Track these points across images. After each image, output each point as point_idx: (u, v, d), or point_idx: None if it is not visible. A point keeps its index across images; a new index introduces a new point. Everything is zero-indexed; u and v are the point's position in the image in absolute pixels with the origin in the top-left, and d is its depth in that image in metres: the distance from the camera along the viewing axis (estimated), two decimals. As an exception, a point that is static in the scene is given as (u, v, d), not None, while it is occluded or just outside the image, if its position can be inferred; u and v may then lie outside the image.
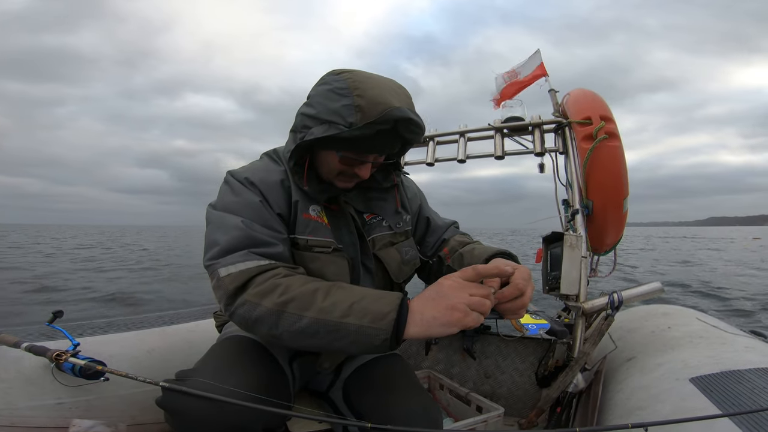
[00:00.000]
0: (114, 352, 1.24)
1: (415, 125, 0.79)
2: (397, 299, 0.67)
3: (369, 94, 0.75)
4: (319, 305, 0.67)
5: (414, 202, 1.08)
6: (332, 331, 0.66)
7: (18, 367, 1.06)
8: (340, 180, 0.87)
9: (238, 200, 0.82)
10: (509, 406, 1.47)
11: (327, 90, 0.79)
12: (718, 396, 0.88)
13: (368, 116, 0.74)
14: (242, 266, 0.73)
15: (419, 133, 0.83)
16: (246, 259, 0.73)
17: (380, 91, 0.77)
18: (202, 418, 0.65)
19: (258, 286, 0.70)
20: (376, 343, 0.65)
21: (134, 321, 4.46)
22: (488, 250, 0.93)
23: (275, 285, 0.70)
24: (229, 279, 0.72)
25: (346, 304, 0.67)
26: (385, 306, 0.66)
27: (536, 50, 1.78)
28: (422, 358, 1.64)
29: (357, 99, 0.75)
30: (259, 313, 0.69)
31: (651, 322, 1.49)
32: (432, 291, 0.67)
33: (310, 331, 0.67)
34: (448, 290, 0.66)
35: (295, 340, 0.69)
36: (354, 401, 0.90)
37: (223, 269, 0.73)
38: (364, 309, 0.66)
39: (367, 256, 0.93)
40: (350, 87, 0.76)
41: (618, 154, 1.42)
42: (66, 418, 1.02)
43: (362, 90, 0.76)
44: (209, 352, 0.86)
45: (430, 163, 1.76)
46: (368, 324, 0.65)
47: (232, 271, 0.72)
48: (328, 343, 0.67)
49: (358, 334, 0.65)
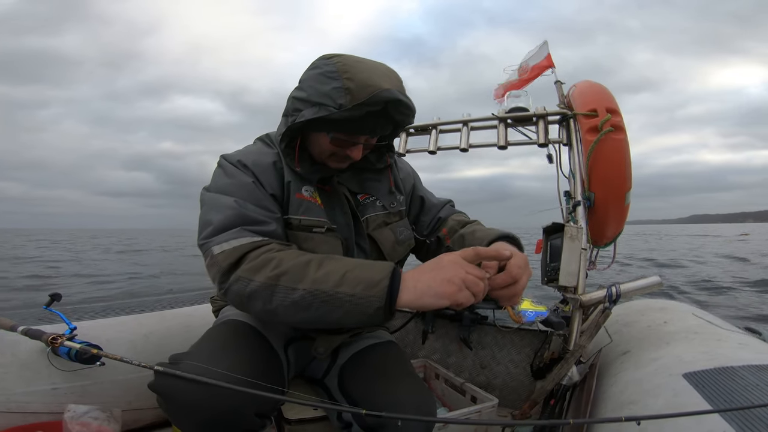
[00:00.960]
0: (111, 337, 1.25)
1: (404, 106, 0.80)
2: (389, 267, 0.68)
3: (359, 77, 0.76)
4: (312, 276, 0.67)
5: (407, 182, 1.09)
6: (326, 301, 0.66)
7: (14, 352, 1.06)
8: (333, 161, 0.88)
9: (231, 182, 0.83)
10: (504, 397, 1.48)
11: (317, 74, 0.80)
12: (711, 392, 0.88)
13: (357, 98, 0.75)
14: (235, 243, 0.73)
15: (409, 114, 0.84)
16: (239, 236, 0.74)
17: (370, 73, 0.78)
18: (194, 402, 0.66)
19: (251, 261, 0.71)
20: (370, 311, 0.65)
21: (132, 305, 4.48)
22: (491, 233, 0.94)
23: (268, 259, 0.70)
24: (222, 256, 0.72)
25: (338, 273, 0.67)
26: (377, 273, 0.66)
27: (543, 42, 1.73)
28: (419, 346, 1.65)
29: (346, 81, 0.76)
30: (253, 287, 0.69)
31: (647, 316, 1.50)
32: (431, 263, 0.69)
33: (303, 303, 0.67)
34: (447, 263, 0.67)
35: (290, 314, 0.69)
36: (349, 388, 0.91)
37: (216, 247, 0.73)
38: (356, 277, 0.66)
39: (361, 236, 0.93)
40: (340, 70, 0.77)
41: (623, 147, 1.40)
42: (61, 403, 1.02)
43: (352, 73, 0.77)
44: (204, 335, 0.87)
45: (432, 151, 1.74)
46: (361, 292, 0.65)
47: (226, 248, 0.73)
48: (323, 314, 0.67)
49: (351, 304, 0.65)
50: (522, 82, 1.74)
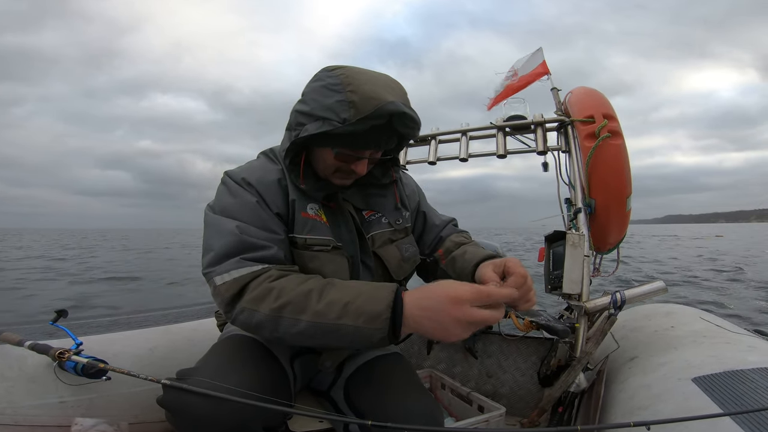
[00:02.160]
0: (117, 351, 1.25)
1: (409, 119, 0.79)
2: (390, 296, 0.66)
3: (362, 89, 0.75)
4: (314, 308, 0.67)
5: (412, 198, 1.08)
6: (330, 332, 0.67)
7: (21, 366, 1.07)
8: (337, 177, 0.87)
9: (235, 202, 0.82)
10: (511, 406, 1.46)
11: (320, 86, 0.79)
12: (721, 396, 0.87)
13: (361, 111, 0.74)
14: (236, 274, 0.73)
15: (414, 127, 0.82)
16: (239, 266, 0.74)
17: (373, 86, 0.76)
18: (203, 417, 0.66)
19: (252, 291, 0.71)
20: (375, 341, 0.66)
21: (138, 319, 4.45)
22: (478, 253, 0.92)
23: (268, 289, 0.71)
24: (224, 287, 0.73)
25: (340, 305, 0.67)
26: (378, 304, 0.65)
27: (538, 48, 1.77)
28: (424, 357, 1.64)
29: (350, 95, 0.74)
30: (259, 319, 0.70)
31: (654, 321, 1.49)
32: (432, 311, 0.64)
33: (308, 334, 0.68)
34: (451, 323, 0.63)
35: (298, 341, 0.70)
36: (355, 400, 0.90)
37: (218, 278, 0.74)
38: (358, 309, 0.66)
39: (367, 254, 0.92)
40: (343, 83, 0.76)
41: (621, 153, 1.42)
42: (69, 416, 1.03)
43: (355, 86, 0.75)
44: (210, 350, 0.87)
45: (432, 162, 1.76)
46: (363, 325, 0.65)
47: (227, 279, 0.73)
48: (329, 342, 0.68)
49: (356, 335, 0.66)
50: (515, 88, 1.77)
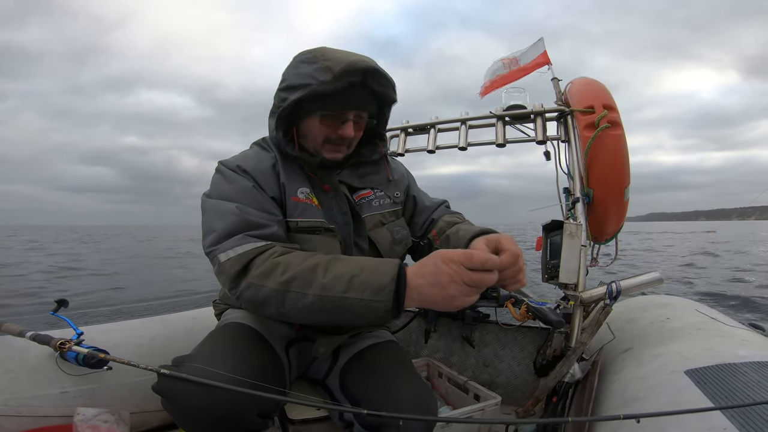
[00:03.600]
0: (118, 341, 1.27)
1: (382, 77, 0.87)
2: (394, 269, 0.68)
3: (335, 56, 0.83)
4: (321, 281, 0.69)
5: (401, 183, 1.10)
6: (336, 306, 0.68)
7: (23, 357, 1.08)
8: (328, 150, 0.90)
9: (232, 187, 0.85)
10: (507, 395, 1.49)
11: (296, 63, 0.88)
12: (713, 389, 0.88)
13: (336, 71, 0.81)
14: (240, 249, 0.75)
15: (389, 86, 0.90)
16: (243, 242, 0.76)
17: (346, 54, 0.85)
18: (196, 404, 0.67)
19: (259, 267, 0.73)
20: (380, 314, 0.67)
21: (138, 309, 4.51)
22: (471, 229, 0.92)
23: (275, 264, 0.72)
24: (229, 263, 0.74)
25: (345, 278, 0.68)
26: (383, 277, 0.67)
27: (539, 38, 1.74)
28: (421, 346, 1.66)
29: (324, 62, 0.83)
30: (265, 293, 0.71)
31: (650, 312, 1.49)
32: (431, 276, 0.66)
33: (315, 308, 0.69)
34: (447, 281, 0.64)
35: (303, 317, 0.72)
36: (351, 388, 0.91)
37: (222, 254, 0.75)
38: (363, 282, 0.68)
39: (360, 236, 0.94)
40: (317, 56, 0.85)
41: (620, 143, 1.40)
42: (71, 406, 1.04)
43: (328, 55, 0.84)
44: (206, 338, 0.88)
45: (431, 150, 1.75)
46: (369, 297, 0.67)
47: (231, 256, 0.75)
48: (335, 317, 0.70)
49: (361, 307, 0.67)
50: (514, 77, 1.74)
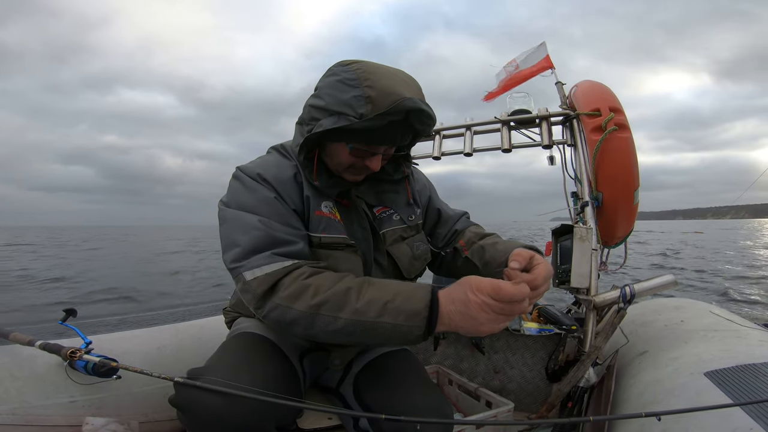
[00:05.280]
0: (126, 349, 1.26)
1: (426, 116, 0.78)
2: (428, 296, 0.67)
3: (379, 84, 0.74)
4: (354, 306, 0.68)
5: (423, 193, 1.07)
6: (367, 330, 0.67)
7: (31, 366, 1.07)
8: (350, 173, 0.86)
9: (253, 197, 0.80)
10: (519, 401, 1.46)
11: (336, 81, 0.78)
12: (734, 390, 0.86)
13: (379, 107, 0.73)
14: (268, 269, 0.72)
15: (430, 124, 0.81)
16: (270, 261, 0.73)
17: (390, 81, 0.75)
18: (215, 416, 0.65)
19: (287, 288, 0.70)
20: (411, 338, 0.67)
21: (146, 318, 4.47)
22: (512, 244, 0.90)
23: (305, 287, 0.70)
24: (256, 282, 0.71)
25: (379, 303, 0.67)
26: (417, 303, 0.67)
27: (542, 42, 1.75)
28: (431, 353, 1.64)
29: (367, 90, 0.73)
30: (293, 316, 0.69)
31: (664, 315, 1.47)
32: (461, 304, 0.65)
33: (346, 331, 0.68)
34: (477, 312, 0.64)
35: (331, 338, 0.71)
36: (364, 396, 0.90)
37: (248, 273, 0.72)
38: (397, 308, 0.67)
39: (380, 252, 0.92)
40: (359, 78, 0.75)
41: (628, 146, 1.40)
42: (79, 416, 1.03)
43: (372, 81, 0.74)
44: (220, 349, 0.87)
45: (436, 156, 1.75)
46: (402, 322, 0.66)
47: (258, 275, 0.72)
48: (364, 340, 0.70)
49: (393, 332, 0.67)
50: (516, 82, 1.75)
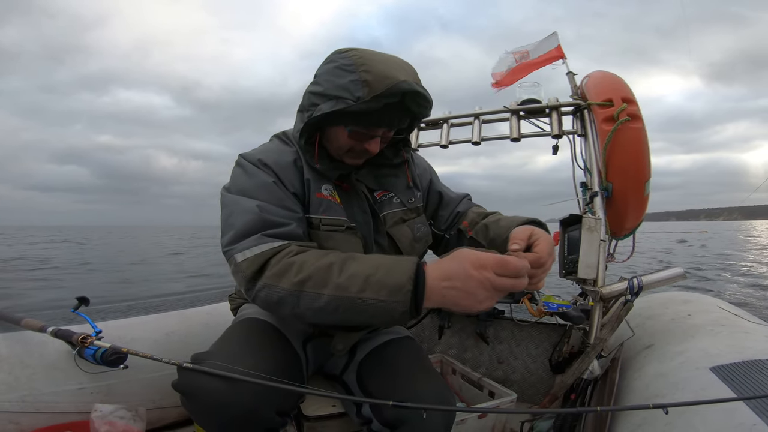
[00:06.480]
0: (134, 336, 1.28)
1: (422, 98, 0.80)
2: (411, 268, 0.65)
3: (375, 69, 0.76)
4: (335, 281, 0.67)
5: (424, 177, 1.08)
6: (351, 307, 0.66)
7: (42, 352, 1.09)
8: (350, 157, 0.88)
9: (252, 182, 0.83)
10: (522, 392, 1.47)
11: (333, 67, 0.80)
12: (740, 385, 0.86)
13: (375, 90, 0.75)
14: (257, 250, 0.74)
15: (426, 106, 0.83)
16: (260, 243, 0.74)
17: (386, 66, 0.78)
18: (216, 401, 0.66)
19: (273, 267, 0.71)
20: (396, 315, 0.65)
21: (155, 304, 4.56)
22: (515, 219, 0.89)
23: (289, 264, 0.71)
24: (245, 264, 0.73)
25: (361, 277, 0.66)
26: (400, 277, 0.65)
27: (553, 32, 1.71)
28: (435, 342, 1.65)
29: (363, 74, 0.76)
30: (279, 294, 0.70)
31: (671, 309, 1.46)
32: (458, 280, 0.63)
33: (330, 308, 0.67)
34: (477, 289, 0.62)
35: (318, 318, 0.70)
36: (368, 384, 0.91)
37: (239, 254, 0.74)
38: (379, 281, 0.65)
39: (380, 234, 0.93)
40: (356, 63, 0.77)
41: (641, 136, 1.37)
42: (88, 402, 1.05)
43: (368, 65, 0.76)
44: (224, 335, 0.88)
45: (444, 145, 1.73)
46: (385, 297, 0.64)
47: (248, 256, 0.73)
48: (350, 318, 0.68)
49: (377, 308, 0.65)
50: (527, 71, 1.71)
